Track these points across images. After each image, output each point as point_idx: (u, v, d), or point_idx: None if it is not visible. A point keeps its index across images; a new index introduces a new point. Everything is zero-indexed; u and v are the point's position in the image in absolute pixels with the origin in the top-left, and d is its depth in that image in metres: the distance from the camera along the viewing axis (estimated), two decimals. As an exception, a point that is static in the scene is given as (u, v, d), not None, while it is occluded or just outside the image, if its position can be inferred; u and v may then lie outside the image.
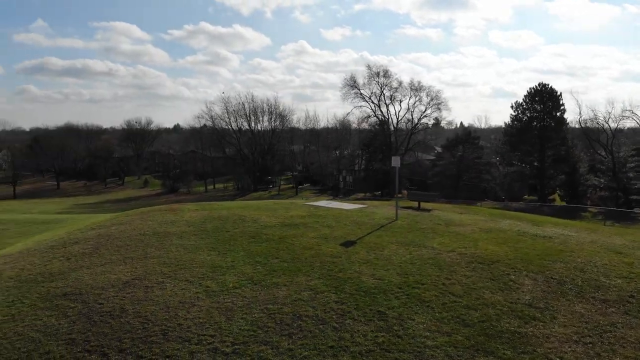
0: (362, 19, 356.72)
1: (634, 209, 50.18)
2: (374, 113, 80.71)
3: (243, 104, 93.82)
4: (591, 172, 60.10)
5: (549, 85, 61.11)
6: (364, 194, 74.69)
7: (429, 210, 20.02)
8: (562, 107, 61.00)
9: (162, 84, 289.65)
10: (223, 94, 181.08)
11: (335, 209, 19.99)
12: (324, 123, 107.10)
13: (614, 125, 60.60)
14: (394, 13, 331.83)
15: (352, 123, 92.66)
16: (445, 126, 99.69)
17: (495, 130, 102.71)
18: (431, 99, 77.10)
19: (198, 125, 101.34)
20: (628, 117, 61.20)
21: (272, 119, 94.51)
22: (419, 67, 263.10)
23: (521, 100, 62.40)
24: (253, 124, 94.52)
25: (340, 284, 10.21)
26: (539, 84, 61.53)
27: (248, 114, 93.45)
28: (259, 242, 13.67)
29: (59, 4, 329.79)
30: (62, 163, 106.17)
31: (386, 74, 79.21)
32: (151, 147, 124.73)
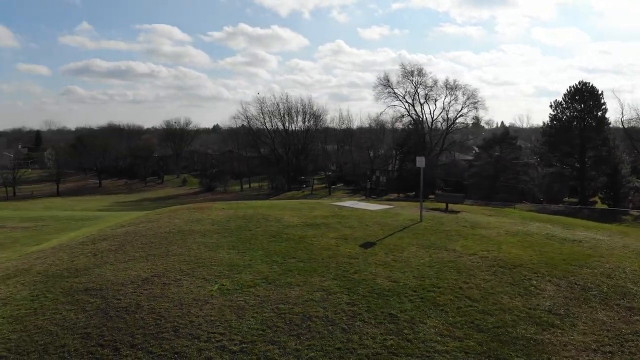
0: (401, 18, 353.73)
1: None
2: (408, 112, 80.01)
3: (278, 104, 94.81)
4: (634, 174, 57.64)
5: (590, 84, 58.87)
6: (397, 195, 73.99)
7: (457, 212, 19.63)
8: (604, 107, 58.56)
9: (203, 85, 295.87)
10: (258, 95, 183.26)
11: (359, 209, 19.88)
12: (357, 123, 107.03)
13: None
14: (433, 11, 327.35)
15: (386, 123, 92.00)
16: (486, 126, 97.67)
17: (536, 130, 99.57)
18: (467, 98, 75.78)
19: (234, 125, 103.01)
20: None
21: (306, 118, 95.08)
22: (459, 66, 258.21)
23: (561, 99, 60.41)
24: (287, 124, 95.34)
25: (354, 285, 10.14)
26: (579, 83, 59.35)
27: (282, 114, 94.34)
28: (278, 242, 13.74)
29: (103, 8, 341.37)
30: (104, 162, 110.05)
31: (420, 72, 78.41)
32: (190, 147, 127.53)
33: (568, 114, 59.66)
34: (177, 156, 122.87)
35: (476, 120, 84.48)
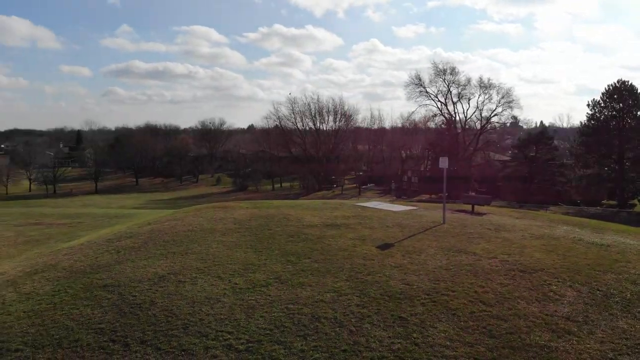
0: (437, 15, 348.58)
1: None
2: (440, 112, 78.89)
3: (309, 105, 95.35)
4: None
5: (629, 82, 56.61)
6: (429, 196, 73.01)
7: (482, 214, 19.22)
8: (644, 106, 56.21)
9: (239, 85, 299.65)
10: (289, 95, 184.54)
11: (382, 210, 19.72)
12: (389, 122, 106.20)
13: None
14: (469, 8, 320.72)
15: (419, 123, 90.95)
16: (524, 125, 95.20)
17: (576, 130, 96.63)
18: (501, 97, 74.00)
19: (266, 125, 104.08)
20: None
21: (337, 118, 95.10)
22: (496, 64, 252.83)
23: (598, 98, 58.26)
24: (318, 124, 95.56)
25: (366, 287, 10.06)
26: (617, 81, 57.17)
27: (313, 114, 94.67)
28: (296, 242, 13.78)
29: (142, 10, 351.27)
30: (142, 161, 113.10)
31: (453, 71, 77.18)
32: (224, 147, 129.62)
33: (606, 113, 57.58)
34: (212, 156, 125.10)
35: (514, 119, 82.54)
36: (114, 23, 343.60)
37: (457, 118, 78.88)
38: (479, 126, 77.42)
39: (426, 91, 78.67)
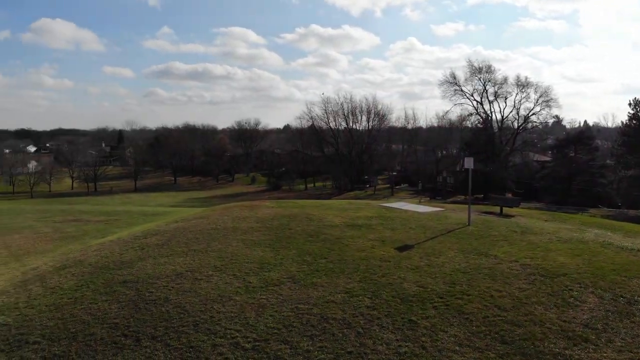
0: (477, 13, 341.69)
1: None
2: (476, 111, 76.94)
3: (342, 104, 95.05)
4: None
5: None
6: (464, 197, 71.57)
7: (511, 217, 18.73)
8: (690, 104, 53.23)
9: (276, 86, 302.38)
10: (322, 95, 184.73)
11: (408, 211, 19.50)
12: (423, 122, 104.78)
13: None
14: (510, 5, 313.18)
15: (454, 122, 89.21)
16: (568, 125, 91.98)
17: (618, 129, 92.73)
18: (540, 96, 71.46)
19: (300, 125, 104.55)
20: None
21: (371, 118, 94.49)
22: (538, 62, 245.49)
23: (640, 97, 55.55)
24: (351, 124, 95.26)
25: (379, 288, 9.97)
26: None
27: (346, 114, 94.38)
28: (314, 242, 13.80)
29: (182, 12, 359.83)
30: (180, 160, 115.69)
31: (489, 69, 75.02)
32: (259, 147, 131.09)
33: (648, 112, 54.80)
34: (247, 155, 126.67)
35: (557, 118, 79.85)
36: (155, 25, 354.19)
37: (494, 117, 76.99)
38: (516, 125, 75.31)
39: (461, 90, 77.03)
